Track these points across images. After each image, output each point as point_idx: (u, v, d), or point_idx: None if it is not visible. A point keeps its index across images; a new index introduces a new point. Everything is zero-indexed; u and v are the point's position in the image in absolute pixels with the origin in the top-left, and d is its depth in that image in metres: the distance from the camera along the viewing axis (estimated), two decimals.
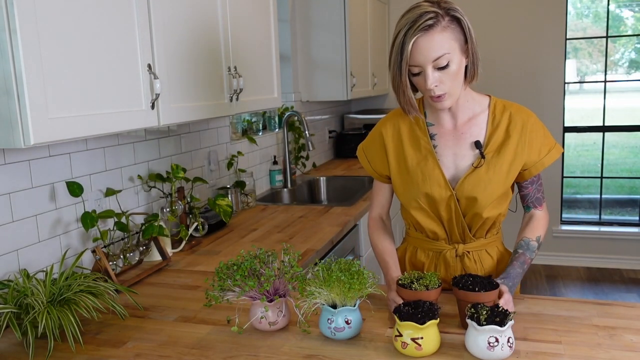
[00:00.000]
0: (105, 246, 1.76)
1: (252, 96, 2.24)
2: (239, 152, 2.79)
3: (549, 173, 4.45)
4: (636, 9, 4.55)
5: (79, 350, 1.27)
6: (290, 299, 1.30)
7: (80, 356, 1.24)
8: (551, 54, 4.32)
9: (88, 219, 1.68)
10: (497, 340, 1.10)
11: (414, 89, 1.43)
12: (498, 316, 1.12)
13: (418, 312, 1.15)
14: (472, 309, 1.15)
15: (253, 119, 3.11)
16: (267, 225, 2.37)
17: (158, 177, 2.08)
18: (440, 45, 1.32)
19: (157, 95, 1.59)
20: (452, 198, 1.44)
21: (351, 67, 3.56)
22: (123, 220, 1.82)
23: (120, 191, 1.92)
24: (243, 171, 2.77)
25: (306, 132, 3.07)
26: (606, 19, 4.38)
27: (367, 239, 2.74)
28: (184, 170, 2.12)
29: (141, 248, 1.86)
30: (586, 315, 1.33)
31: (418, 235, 1.56)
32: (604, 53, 4.47)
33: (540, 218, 1.51)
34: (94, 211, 1.72)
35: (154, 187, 2.12)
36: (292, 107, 3.42)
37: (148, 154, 2.11)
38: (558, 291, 4.05)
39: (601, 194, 4.61)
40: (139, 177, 2.06)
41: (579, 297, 3.86)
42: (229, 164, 2.71)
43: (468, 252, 1.51)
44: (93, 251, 1.63)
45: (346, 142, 4.22)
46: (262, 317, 1.28)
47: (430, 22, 1.30)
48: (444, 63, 1.33)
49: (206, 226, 2.21)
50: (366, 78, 3.94)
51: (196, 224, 2.15)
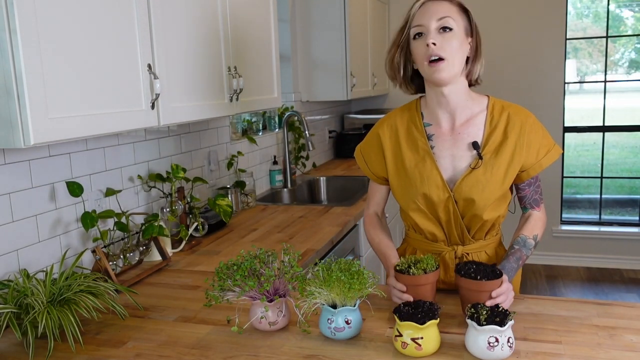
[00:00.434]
0: (105, 246, 1.76)
1: (252, 96, 2.24)
2: (239, 152, 2.79)
3: (549, 173, 4.45)
4: (636, 9, 4.55)
5: (79, 350, 1.27)
6: (290, 299, 1.30)
7: (80, 356, 1.24)
8: (551, 54, 4.32)
9: (88, 219, 1.68)
10: (497, 340, 1.10)
11: (411, 79, 1.50)
12: (498, 316, 1.12)
13: (418, 312, 1.15)
14: (472, 309, 1.15)
15: (253, 119, 3.11)
16: (267, 225, 2.37)
17: (158, 177, 2.08)
18: (447, 9, 1.38)
19: (157, 95, 1.59)
20: (450, 199, 1.43)
21: (351, 67, 3.56)
22: (123, 220, 1.82)
23: (120, 191, 1.92)
24: (243, 171, 2.77)
25: (306, 132, 3.07)
26: (606, 19, 4.38)
27: (367, 239, 2.74)
28: (184, 170, 2.12)
29: (141, 248, 1.86)
30: (586, 315, 1.33)
31: (417, 236, 1.55)
32: (604, 53, 4.47)
33: (537, 219, 1.50)
34: (94, 211, 1.72)
35: (154, 187, 2.12)
36: (292, 107, 3.42)
37: (148, 154, 2.11)
38: (558, 291, 4.05)
39: (601, 194, 4.61)
40: (139, 177, 2.06)
41: (579, 297, 3.86)
42: (229, 164, 2.71)
43: (467, 254, 1.50)
44: (93, 251, 1.63)
45: (346, 142, 4.22)
46: (262, 317, 1.28)
47: None
48: (448, 24, 1.36)
49: (206, 226, 2.21)
50: (366, 78, 3.94)
51: (196, 224, 2.15)
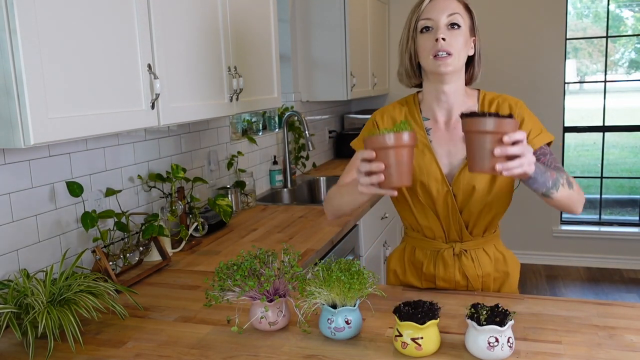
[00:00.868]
0: (105, 246, 1.76)
1: (252, 96, 2.24)
2: (239, 152, 2.79)
3: None
4: (636, 9, 4.55)
5: (79, 350, 1.27)
6: (290, 299, 1.30)
7: (80, 356, 1.24)
8: (551, 54, 4.32)
9: (88, 219, 1.68)
10: (497, 340, 1.10)
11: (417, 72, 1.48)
12: (498, 316, 1.12)
13: (418, 312, 1.15)
14: (472, 309, 1.15)
15: (253, 119, 3.11)
16: (267, 225, 2.37)
17: (158, 177, 2.08)
18: (456, 5, 1.42)
19: (157, 95, 1.59)
20: (449, 194, 1.45)
21: (351, 67, 3.56)
22: (123, 220, 1.82)
23: (120, 191, 1.92)
24: (243, 171, 2.77)
25: (306, 132, 3.07)
26: (606, 19, 4.38)
27: (367, 239, 2.75)
28: (184, 170, 2.11)
29: (141, 248, 1.86)
30: (586, 315, 1.33)
31: (415, 235, 1.56)
32: (604, 53, 4.46)
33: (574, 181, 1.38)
34: (94, 211, 1.72)
35: (154, 187, 2.11)
36: (292, 107, 3.42)
37: (148, 154, 2.11)
38: (558, 291, 4.05)
39: (601, 194, 4.61)
40: (139, 177, 2.06)
41: (579, 297, 3.86)
42: (229, 164, 2.70)
43: (465, 251, 1.51)
44: (93, 251, 1.63)
45: (346, 142, 4.22)
46: (262, 317, 1.28)
47: None
48: (458, 20, 1.40)
49: (206, 226, 2.21)
50: (366, 78, 3.94)
51: (196, 224, 2.15)
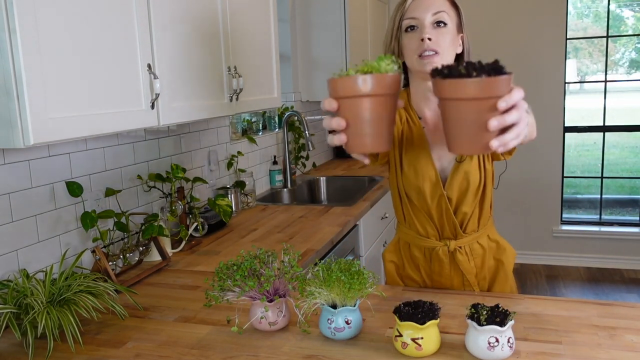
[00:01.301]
0: (105, 246, 1.76)
1: (252, 96, 2.24)
2: (239, 152, 2.79)
3: (549, 173, 4.45)
4: (636, 9, 4.55)
5: (79, 350, 1.27)
6: (290, 299, 1.30)
7: (80, 356, 1.24)
8: (551, 54, 4.31)
9: (88, 219, 1.68)
10: (497, 340, 1.10)
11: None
12: (498, 316, 1.11)
13: (418, 312, 1.15)
14: (472, 309, 1.14)
15: (253, 119, 3.11)
16: (267, 225, 2.37)
17: (158, 177, 2.08)
18: (442, 3, 1.35)
19: (157, 95, 1.59)
20: (443, 197, 1.44)
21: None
22: (123, 220, 1.82)
23: (120, 191, 1.92)
24: (243, 171, 2.77)
25: (306, 132, 3.07)
26: (606, 19, 4.38)
27: (367, 239, 2.74)
28: (184, 170, 2.11)
29: (141, 248, 1.86)
30: (586, 315, 1.33)
31: (408, 231, 1.56)
32: (604, 53, 4.46)
33: None
34: (94, 211, 1.72)
35: (154, 187, 2.11)
36: (292, 107, 3.42)
37: (148, 154, 2.11)
38: (558, 291, 4.05)
39: (601, 194, 4.61)
40: (139, 177, 2.06)
41: (579, 297, 3.86)
42: (229, 164, 2.70)
43: (460, 247, 1.50)
44: (93, 251, 1.63)
45: None
46: (262, 317, 1.28)
47: None
48: (444, 18, 1.34)
49: (206, 226, 2.21)
50: None
51: (196, 224, 2.15)
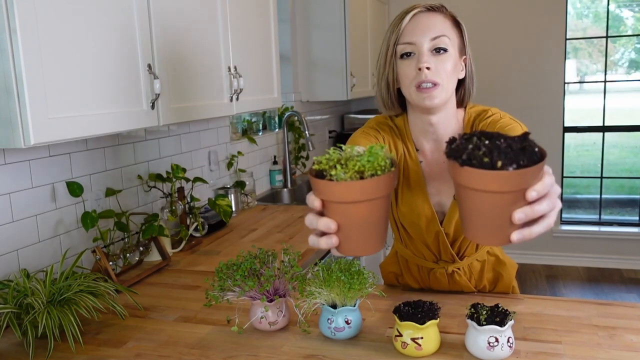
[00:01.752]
0: (105, 246, 1.76)
1: (252, 96, 2.24)
2: (239, 152, 2.79)
3: None
4: (636, 9, 4.55)
5: (79, 350, 1.27)
6: (290, 299, 1.30)
7: (80, 356, 1.24)
8: (551, 54, 4.31)
9: (88, 219, 1.68)
10: (497, 340, 1.10)
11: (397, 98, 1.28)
12: (498, 316, 1.11)
13: (418, 312, 1.15)
14: (472, 309, 1.15)
15: (253, 119, 3.11)
16: (267, 225, 2.37)
17: (158, 177, 2.08)
18: (442, 25, 1.18)
19: (157, 95, 1.59)
20: (441, 233, 1.35)
21: (351, 67, 3.56)
22: (123, 220, 1.82)
23: (120, 191, 1.92)
24: (243, 171, 2.77)
25: (306, 132, 3.07)
26: (606, 19, 4.38)
27: None
28: (184, 170, 2.11)
29: (141, 248, 1.86)
30: (586, 315, 1.33)
31: (405, 251, 1.47)
32: (604, 53, 4.46)
33: None
34: (94, 211, 1.72)
35: (154, 187, 2.11)
36: (292, 107, 3.42)
37: (148, 154, 2.11)
38: (558, 291, 4.05)
39: (601, 194, 4.61)
40: (139, 177, 2.06)
41: (579, 297, 3.86)
42: (229, 164, 2.70)
43: (458, 269, 1.43)
44: (93, 251, 1.63)
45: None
46: (262, 317, 1.28)
47: (435, 5, 1.21)
48: (444, 44, 1.17)
49: (206, 226, 2.21)
50: (366, 78, 3.94)
51: (196, 224, 2.15)
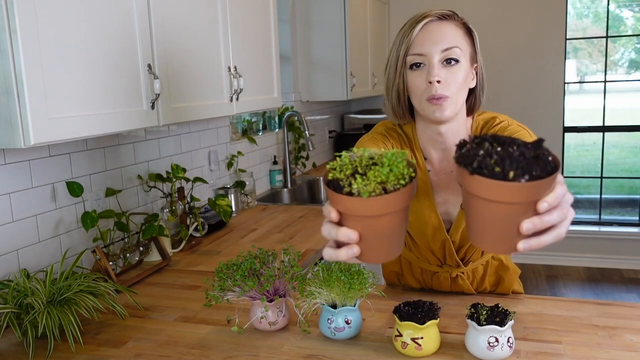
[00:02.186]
0: (105, 246, 1.76)
1: (252, 96, 2.24)
2: (239, 152, 2.79)
3: None
4: (636, 9, 4.55)
5: (79, 350, 1.27)
6: (290, 299, 1.30)
7: (80, 356, 1.24)
8: (551, 54, 4.32)
9: (88, 219, 1.68)
10: (497, 340, 1.10)
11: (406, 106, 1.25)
12: (498, 316, 1.11)
13: (418, 312, 1.15)
14: (472, 309, 1.15)
15: (253, 119, 3.11)
16: (267, 225, 2.37)
17: (158, 177, 2.08)
18: (453, 36, 1.16)
19: (157, 95, 1.59)
20: (447, 241, 1.35)
21: (351, 67, 3.56)
22: (123, 220, 1.82)
23: (120, 191, 1.92)
24: (243, 171, 2.77)
25: (306, 132, 3.07)
26: (606, 19, 4.38)
27: None
28: (184, 170, 2.11)
29: (141, 248, 1.86)
30: (586, 315, 1.33)
31: (409, 253, 1.46)
32: (604, 53, 4.47)
33: None
34: (94, 211, 1.72)
35: (154, 187, 2.11)
36: (292, 107, 3.42)
37: (148, 154, 2.11)
38: (558, 291, 4.05)
39: (601, 194, 4.61)
40: (139, 177, 2.06)
41: (579, 297, 3.86)
42: (229, 164, 2.71)
43: (462, 273, 1.43)
44: (93, 251, 1.63)
45: (346, 142, 4.22)
46: (262, 317, 1.28)
47: (447, 13, 1.18)
48: (455, 55, 1.15)
49: (206, 226, 2.21)
50: (366, 78, 3.94)
51: (196, 224, 2.15)
